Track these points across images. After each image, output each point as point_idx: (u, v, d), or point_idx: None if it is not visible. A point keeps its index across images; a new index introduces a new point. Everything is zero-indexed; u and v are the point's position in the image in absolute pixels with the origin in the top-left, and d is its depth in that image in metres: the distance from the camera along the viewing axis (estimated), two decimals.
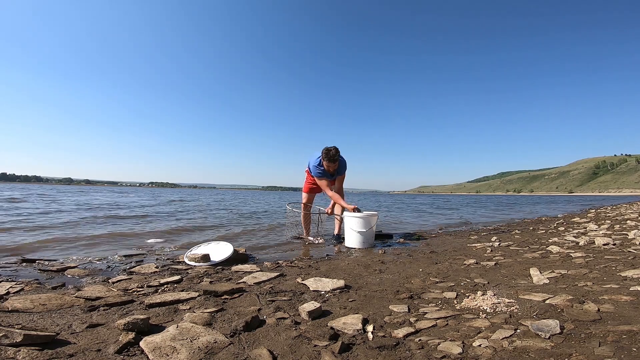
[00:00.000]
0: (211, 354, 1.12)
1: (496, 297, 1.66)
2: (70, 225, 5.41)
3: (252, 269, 2.54)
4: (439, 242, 4.31)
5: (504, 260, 2.84)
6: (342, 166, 4.17)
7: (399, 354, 1.14)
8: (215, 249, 3.02)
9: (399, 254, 3.31)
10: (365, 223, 3.78)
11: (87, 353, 1.12)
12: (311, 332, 1.30)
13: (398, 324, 1.40)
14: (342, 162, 4.14)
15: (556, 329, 1.23)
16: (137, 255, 3.18)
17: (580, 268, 2.33)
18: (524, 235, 4.69)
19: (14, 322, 1.36)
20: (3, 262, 2.67)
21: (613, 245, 3.18)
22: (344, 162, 4.19)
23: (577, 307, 1.47)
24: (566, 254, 2.89)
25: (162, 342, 1.16)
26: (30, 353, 1.07)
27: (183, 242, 4.09)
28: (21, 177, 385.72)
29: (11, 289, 1.85)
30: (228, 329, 1.33)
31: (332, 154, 3.93)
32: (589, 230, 4.82)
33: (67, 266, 2.53)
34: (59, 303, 1.63)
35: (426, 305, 1.66)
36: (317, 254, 3.40)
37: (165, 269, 2.54)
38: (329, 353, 1.13)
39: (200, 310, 1.55)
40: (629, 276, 1.98)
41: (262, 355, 1.11)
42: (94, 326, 1.36)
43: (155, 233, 4.81)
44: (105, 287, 1.99)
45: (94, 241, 3.94)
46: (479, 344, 1.16)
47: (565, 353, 1.07)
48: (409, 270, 2.54)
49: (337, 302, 1.72)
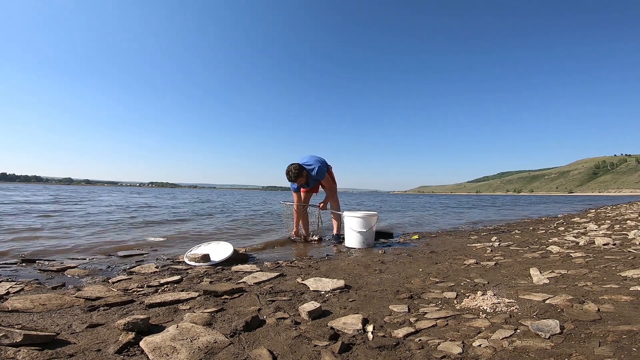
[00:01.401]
0: (211, 354, 1.12)
1: (496, 297, 1.66)
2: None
3: (252, 269, 2.54)
4: (439, 242, 4.31)
5: (504, 260, 2.84)
6: (317, 175, 4.17)
7: (399, 354, 1.14)
8: (215, 249, 3.02)
9: (399, 254, 3.31)
10: (365, 223, 3.78)
11: (87, 353, 1.12)
12: (311, 332, 1.30)
13: (398, 324, 1.40)
14: (314, 171, 4.15)
15: (556, 329, 1.23)
16: (137, 255, 3.18)
17: (580, 268, 2.33)
18: (524, 235, 4.69)
19: (14, 322, 1.36)
20: (3, 262, 2.67)
21: (613, 245, 3.18)
22: (319, 170, 4.17)
23: (577, 307, 1.47)
24: (566, 254, 2.89)
25: (162, 342, 1.16)
26: (30, 353, 1.07)
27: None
28: (21, 177, 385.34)
29: (11, 289, 1.85)
30: (228, 329, 1.33)
31: (291, 176, 4.07)
32: (589, 230, 4.82)
33: (67, 266, 2.53)
34: (59, 303, 1.63)
35: (426, 305, 1.66)
36: (317, 254, 3.40)
37: (165, 269, 2.54)
38: (329, 353, 1.13)
39: (200, 310, 1.55)
40: (629, 276, 1.98)
41: (262, 355, 1.11)
42: (94, 326, 1.36)
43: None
44: (105, 287, 1.99)
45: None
46: (479, 344, 1.16)
47: (565, 353, 1.07)
48: (409, 270, 2.54)
49: (337, 302, 1.72)
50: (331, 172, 4.45)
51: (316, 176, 4.18)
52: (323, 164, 4.27)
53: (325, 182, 4.35)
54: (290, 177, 4.09)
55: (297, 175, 4.05)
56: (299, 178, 4.09)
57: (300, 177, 4.08)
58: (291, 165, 4.09)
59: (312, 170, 4.16)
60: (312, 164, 4.18)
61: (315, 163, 4.19)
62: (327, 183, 4.36)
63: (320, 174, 4.19)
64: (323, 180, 4.32)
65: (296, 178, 4.07)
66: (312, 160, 4.24)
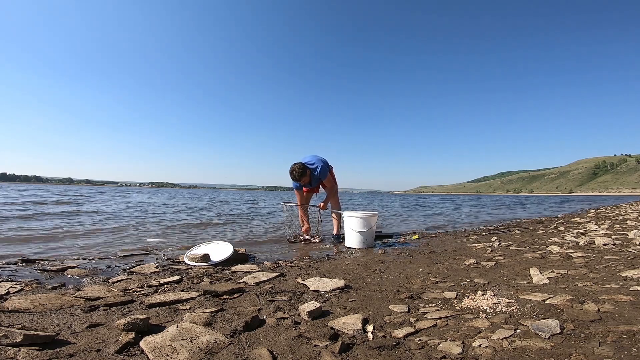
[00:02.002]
0: (211, 354, 1.12)
1: (496, 297, 1.66)
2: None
3: (252, 269, 2.54)
4: (439, 242, 4.31)
5: (504, 260, 2.84)
6: (320, 174, 4.22)
7: (399, 354, 1.14)
8: (215, 249, 3.02)
9: (399, 254, 3.31)
10: (365, 223, 3.78)
11: (87, 353, 1.12)
12: (311, 332, 1.30)
13: (398, 324, 1.40)
14: (317, 170, 4.20)
15: (556, 329, 1.23)
16: (137, 255, 3.18)
17: (580, 268, 2.33)
18: (524, 235, 4.69)
19: (14, 322, 1.36)
20: (3, 262, 2.67)
21: (613, 245, 3.18)
22: (322, 170, 4.21)
23: (577, 307, 1.47)
24: (566, 254, 2.89)
25: (162, 342, 1.16)
26: (30, 353, 1.07)
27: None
28: (21, 177, 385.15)
29: (11, 289, 1.85)
30: (228, 329, 1.33)
31: (295, 175, 4.10)
32: (589, 230, 4.82)
33: (67, 266, 2.53)
34: (59, 303, 1.63)
35: (426, 305, 1.66)
36: (317, 254, 3.40)
37: (165, 269, 2.54)
38: (329, 353, 1.13)
39: (200, 310, 1.55)
40: (629, 276, 1.98)
41: (262, 355, 1.11)
42: (94, 326, 1.36)
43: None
44: (105, 287, 1.99)
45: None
46: (479, 344, 1.16)
47: (565, 353, 1.07)
48: (409, 270, 2.54)
49: (337, 302, 1.72)
50: (332, 171, 4.48)
51: (319, 175, 4.22)
52: (325, 163, 4.31)
53: (326, 182, 4.38)
54: (294, 176, 4.12)
55: (301, 174, 4.09)
56: (303, 177, 4.12)
57: (304, 176, 4.12)
58: (295, 164, 4.12)
59: (315, 169, 4.21)
60: (315, 163, 4.22)
61: (318, 162, 4.23)
62: (328, 183, 4.39)
63: (323, 173, 4.23)
64: (325, 180, 4.35)
65: (300, 177, 4.11)
66: (315, 159, 4.28)
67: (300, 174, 4.09)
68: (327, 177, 4.31)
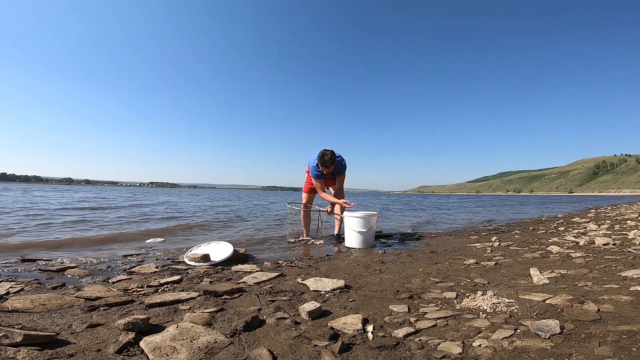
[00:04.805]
0: (211, 354, 1.12)
1: (496, 297, 1.66)
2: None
3: (252, 269, 2.54)
4: (439, 242, 4.31)
5: (504, 260, 2.84)
6: (340, 167, 4.25)
7: (399, 354, 1.14)
8: (215, 249, 3.02)
9: (399, 254, 3.31)
10: (365, 223, 3.78)
11: (87, 353, 1.12)
12: (311, 332, 1.30)
13: (398, 324, 1.40)
14: (340, 163, 4.23)
15: (556, 329, 1.23)
16: (137, 255, 3.18)
17: (580, 268, 2.33)
18: (524, 235, 4.69)
19: (14, 322, 1.36)
20: (3, 262, 2.67)
21: (613, 245, 3.18)
22: (343, 163, 4.26)
23: (577, 307, 1.47)
24: (566, 254, 2.89)
25: (162, 342, 1.16)
26: (30, 353, 1.07)
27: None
28: (21, 177, 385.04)
29: (11, 289, 1.85)
30: (228, 329, 1.33)
31: (326, 160, 4.00)
32: (589, 230, 4.82)
33: (67, 266, 2.53)
34: (59, 303, 1.63)
35: (426, 305, 1.66)
36: (317, 254, 3.40)
37: (165, 269, 2.54)
38: (329, 353, 1.13)
39: (200, 310, 1.55)
40: (629, 276, 1.98)
41: (262, 355, 1.11)
42: (94, 326, 1.36)
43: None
44: (105, 287, 1.99)
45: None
46: (479, 344, 1.16)
47: (565, 353, 1.07)
48: (409, 270, 2.54)
49: (337, 302, 1.72)
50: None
51: (342, 167, 4.26)
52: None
53: (340, 178, 4.39)
54: (325, 161, 3.98)
55: (332, 161, 4.01)
56: (332, 165, 4.06)
57: (333, 164, 4.06)
58: (327, 150, 4.04)
59: (341, 160, 4.22)
60: (340, 155, 4.22)
61: (340, 156, 4.24)
62: (339, 182, 4.41)
63: (344, 166, 4.28)
64: (340, 177, 4.35)
65: (332, 163, 4.03)
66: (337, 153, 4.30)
67: (332, 160, 4.00)
68: (344, 173, 4.33)
